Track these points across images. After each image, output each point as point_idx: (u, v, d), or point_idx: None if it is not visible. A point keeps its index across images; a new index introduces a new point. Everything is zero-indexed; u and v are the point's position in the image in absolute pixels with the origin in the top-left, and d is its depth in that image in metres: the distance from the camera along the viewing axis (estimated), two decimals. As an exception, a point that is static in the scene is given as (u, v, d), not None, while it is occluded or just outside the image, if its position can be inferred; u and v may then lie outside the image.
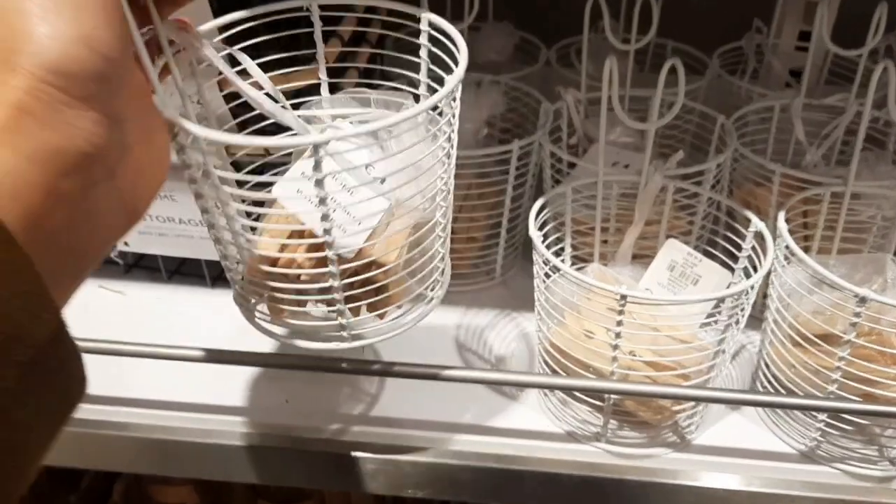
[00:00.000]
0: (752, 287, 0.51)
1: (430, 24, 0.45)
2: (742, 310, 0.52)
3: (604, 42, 0.74)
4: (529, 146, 0.66)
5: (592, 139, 0.72)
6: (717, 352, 0.53)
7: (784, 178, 0.63)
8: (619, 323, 0.50)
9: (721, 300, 0.52)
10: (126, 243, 0.69)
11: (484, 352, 0.65)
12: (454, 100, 0.42)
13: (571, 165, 0.66)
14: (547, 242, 0.58)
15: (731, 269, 0.58)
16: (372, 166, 0.42)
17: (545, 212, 0.58)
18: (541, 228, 0.57)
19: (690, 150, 0.76)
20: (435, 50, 0.46)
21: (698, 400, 0.52)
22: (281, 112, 0.42)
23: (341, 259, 0.42)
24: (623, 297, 0.49)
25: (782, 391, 0.57)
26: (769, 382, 0.58)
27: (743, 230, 0.59)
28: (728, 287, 0.58)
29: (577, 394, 0.56)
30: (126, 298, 0.70)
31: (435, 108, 0.41)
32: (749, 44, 0.85)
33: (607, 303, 0.52)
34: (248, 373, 0.62)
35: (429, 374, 0.51)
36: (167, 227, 0.66)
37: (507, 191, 0.67)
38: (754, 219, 0.56)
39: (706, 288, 0.58)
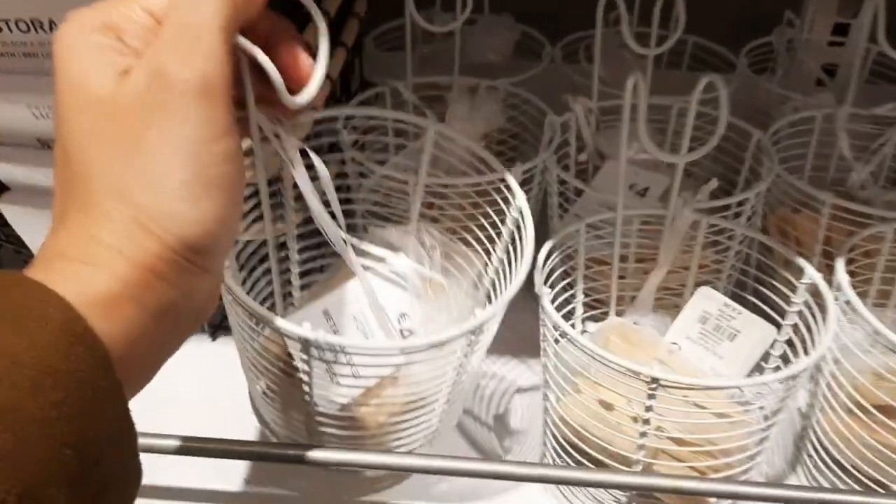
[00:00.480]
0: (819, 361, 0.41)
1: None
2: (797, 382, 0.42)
3: (616, 36, 0.64)
4: (532, 170, 0.56)
5: (605, 155, 0.62)
6: (767, 429, 0.43)
7: (835, 208, 0.54)
8: (649, 408, 0.41)
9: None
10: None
11: (482, 412, 0.55)
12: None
13: (580, 191, 0.57)
14: (552, 285, 0.48)
15: (773, 320, 0.49)
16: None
17: (554, 257, 0.49)
18: (548, 277, 0.48)
19: (712, 163, 0.66)
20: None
21: (753, 500, 0.43)
22: (338, 238, 0.43)
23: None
24: (655, 380, 0.39)
25: (836, 468, 0.48)
26: (820, 457, 0.49)
27: (778, 269, 0.50)
28: (773, 345, 0.49)
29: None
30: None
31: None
32: (780, 39, 0.74)
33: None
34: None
35: (402, 465, 0.42)
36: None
37: (506, 220, 0.57)
38: (808, 268, 0.46)
39: (745, 344, 0.49)
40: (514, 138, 0.67)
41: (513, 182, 0.48)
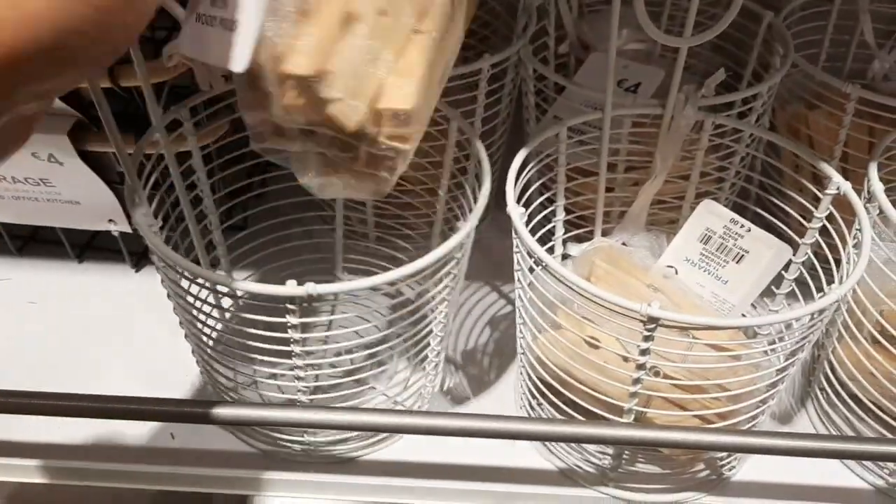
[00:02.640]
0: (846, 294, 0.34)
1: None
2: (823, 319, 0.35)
3: None
4: (505, 63, 0.47)
5: (589, 45, 0.53)
6: (781, 371, 0.36)
7: (860, 103, 0.45)
8: (645, 351, 0.33)
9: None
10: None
11: (450, 348, 0.48)
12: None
13: (561, 87, 0.48)
14: (528, 202, 0.40)
15: (784, 236, 0.42)
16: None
17: (529, 168, 0.40)
18: (522, 192, 0.40)
19: (711, 52, 0.57)
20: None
21: (760, 451, 0.36)
22: None
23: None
24: (653, 319, 0.32)
25: (852, 404, 0.42)
26: (834, 390, 0.43)
27: (788, 175, 0.42)
28: (788, 267, 0.41)
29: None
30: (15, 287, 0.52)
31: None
32: None
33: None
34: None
35: (369, 424, 0.35)
36: (4, 188, 0.47)
37: (474, 124, 0.48)
38: (836, 176, 0.38)
39: (754, 267, 0.42)
40: (485, 27, 0.58)
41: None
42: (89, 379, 0.46)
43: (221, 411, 0.34)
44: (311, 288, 0.31)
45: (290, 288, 0.31)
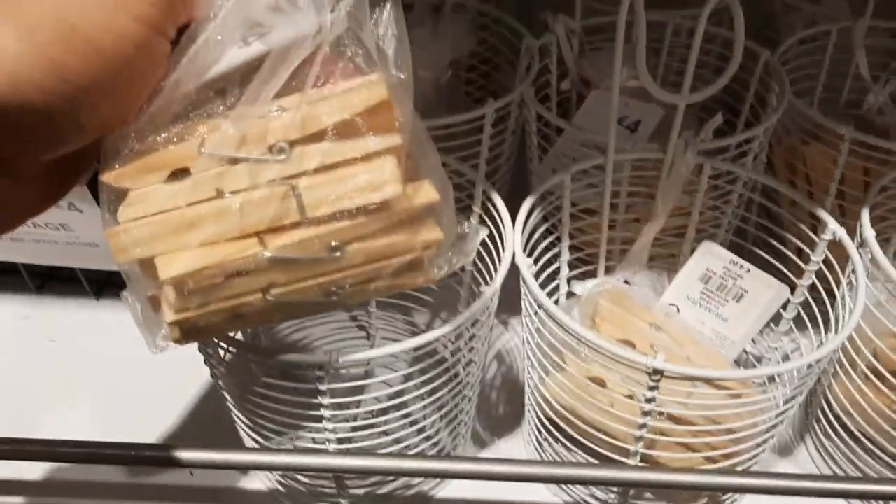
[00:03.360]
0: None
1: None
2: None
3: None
4: (508, 106, 0.49)
5: (591, 83, 0.54)
6: (781, 414, 0.38)
7: (855, 143, 0.47)
8: (651, 400, 0.35)
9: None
10: (-29, 249, 0.51)
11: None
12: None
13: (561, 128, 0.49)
14: (535, 245, 0.41)
15: (781, 273, 0.43)
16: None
17: (535, 214, 0.42)
18: (529, 236, 0.41)
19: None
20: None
21: (761, 492, 0.38)
22: None
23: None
24: (657, 371, 0.33)
25: (847, 438, 0.43)
26: (830, 424, 0.44)
27: (785, 211, 0.44)
28: (786, 306, 0.43)
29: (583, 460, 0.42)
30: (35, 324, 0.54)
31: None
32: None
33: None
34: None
35: (382, 468, 0.36)
36: (20, 230, 0.49)
37: (479, 165, 0.50)
38: (832, 223, 0.40)
39: (754, 306, 0.43)
40: (486, 64, 0.59)
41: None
42: (111, 415, 0.47)
43: (242, 458, 0.35)
44: (337, 356, 0.32)
45: (319, 356, 0.32)
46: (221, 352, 0.37)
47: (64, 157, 0.23)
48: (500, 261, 0.38)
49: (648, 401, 0.35)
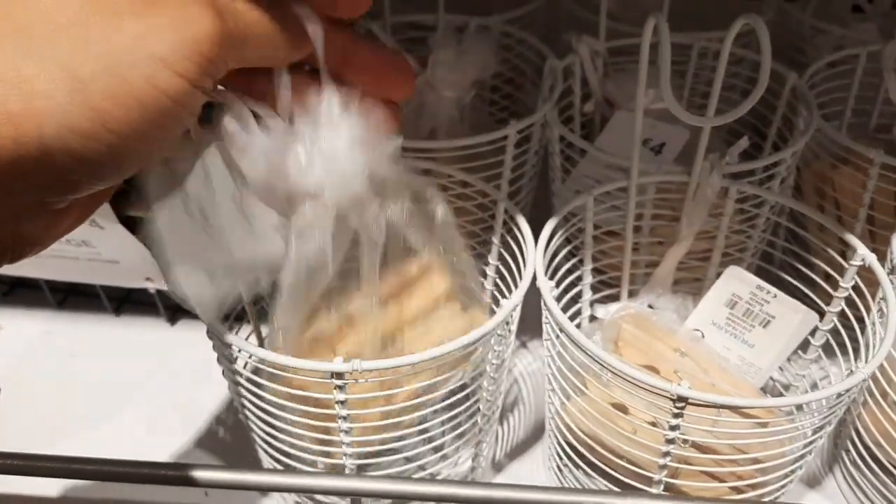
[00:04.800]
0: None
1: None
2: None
3: (624, -37, 0.55)
4: (531, 127, 0.48)
5: (615, 104, 0.54)
6: (809, 444, 0.37)
7: (884, 168, 0.46)
8: (675, 427, 0.34)
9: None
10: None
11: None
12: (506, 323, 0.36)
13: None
14: (557, 267, 0.41)
15: (808, 298, 0.42)
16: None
17: (557, 237, 0.41)
18: (551, 259, 0.41)
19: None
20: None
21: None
22: None
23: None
24: (682, 399, 0.32)
25: (877, 469, 0.42)
26: (860, 454, 0.43)
27: (812, 237, 0.43)
28: (814, 333, 0.42)
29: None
30: (3, 333, 0.54)
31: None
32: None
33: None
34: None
35: (392, 490, 0.36)
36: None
37: (501, 186, 0.49)
38: (861, 248, 0.39)
39: (781, 332, 0.42)
40: (510, 85, 0.59)
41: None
42: (128, 431, 0.47)
43: (257, 478, 0.35)
44: (357, 364, 0.32)
45: (337, 364, 0.32)
46: (242, 362, 0.36)
47: None
48: (521, 278, 0.37)
49: (672, 428, 0.34)
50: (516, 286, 0.39)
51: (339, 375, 0.33)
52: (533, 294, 0.37)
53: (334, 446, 0.37)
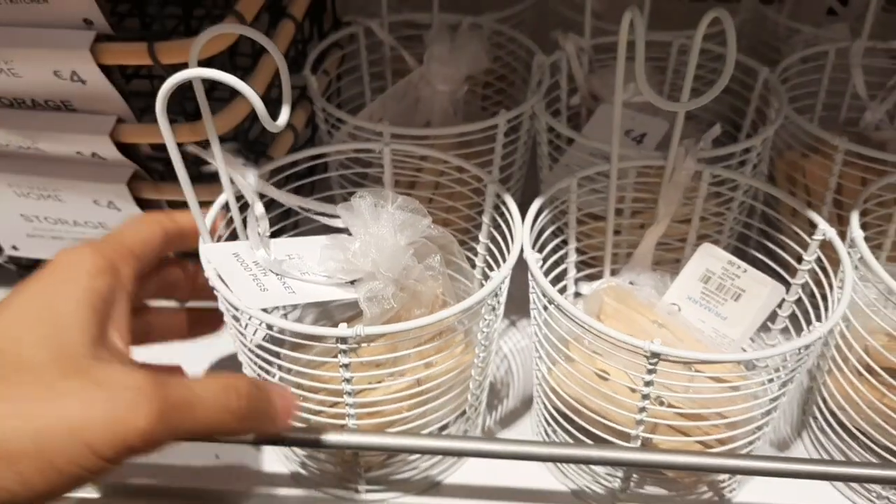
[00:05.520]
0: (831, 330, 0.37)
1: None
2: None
3: (610, -35, 0.59)
4: (520, 117, 0.52)
5: (599, 97, 0.57)
6: (775, 399, 0.40)
7: (849, 154, 0.49)
8: (649, 383, 0.37)
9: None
10: (15, 247, 0.54)
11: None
12: (496, 294, 0.40)
13: (572, 138, 0.52)
14: (543, 245, 0.44)
15: (779, 276, 0.45)
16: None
17: (543, 216, 0.45)
18: (538, 236, 0.44)
19: (714, 104, 0.61)
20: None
21: (756, 474, 0.40)
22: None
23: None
24: (655, 355, 0.36)
25: (842, 433, 0.45)
26: (826, 420, 0.46)
27: (784, 220, 0.46)
28: (781, 305, 0.45)
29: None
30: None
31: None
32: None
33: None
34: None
35: (396, 445, 0.39)
36: (60, 229, 0.52)
37: (492, 172, 0.53)
38: (822, 223, 0.42)
39: (751, 304, 0.45)
40: (501, 80, 0.63)
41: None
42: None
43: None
44: (360, 329, 0.35)
45: (342, 330, 0.35)
46: (251, 329, 0.39)
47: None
48: (509, 252, 0.40)
49: (647, 384, 0.37)
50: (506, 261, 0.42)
51: (344, 340, 0.36)
52: (521, 272, 0.40)
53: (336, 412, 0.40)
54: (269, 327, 0.38)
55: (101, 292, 0.33)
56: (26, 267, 0.59)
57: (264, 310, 0.36)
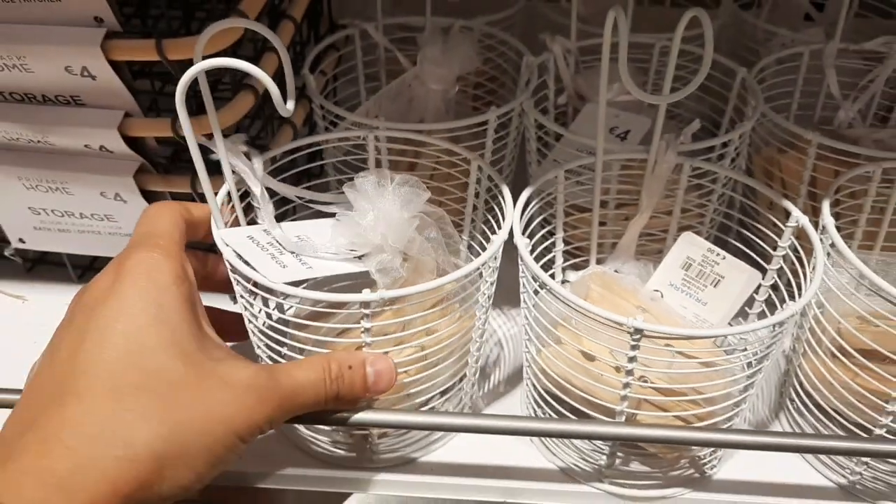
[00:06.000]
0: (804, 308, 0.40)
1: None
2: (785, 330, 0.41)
3: (596, -30, 0.61)
4: (510, 114, 0.54)
5: (585, 97, 0.60)
6: (751, 377, 0.42)
7: (821, 148, 0.52)
8: (633, 359, 0.39)
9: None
10: (22, 240, 0.56)
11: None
12: (495, 258, 0.43)
13: (559, 135, 0.54)
14: (531, 234, 0.46)
15: (757, 264, 0.48)
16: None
17: (532, 206, 0.47)
18: (527, 225, 0.46)
19: (695, 103, 0.64)
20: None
21: (733, 447, 0.42)
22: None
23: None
24: (638, 331, 0.38)
25: (818, 413, 0.48)
26: (802, 401, 0.48)
27: (763, 211, 0.48)
28: (757, 290, 0.48)
29: (575, 428, 0.46)
30: (27, 305, 0.58)
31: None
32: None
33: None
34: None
35: (387, 421, 0.41)
36: (67, 221, 0.54)
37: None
38: (795, 211, 0.45)
39: (729, 290, 0.48)
40: (492, 81, 0.65)
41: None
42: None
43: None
44: (384, 293, 0.37)
45: (366, 295, 0.37)
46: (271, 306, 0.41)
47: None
48: (500, 228, 0.43)
49: (630, 360, 0.39)
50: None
51: (367, 305, 0.38)
52: (509, 262, 0.43)
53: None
54: (281, 305, 0.40)
55: (189, 295, 0.37)
56: (32, 260, 0.61)
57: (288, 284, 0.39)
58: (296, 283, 0.39)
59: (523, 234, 0.45)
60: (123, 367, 0.33)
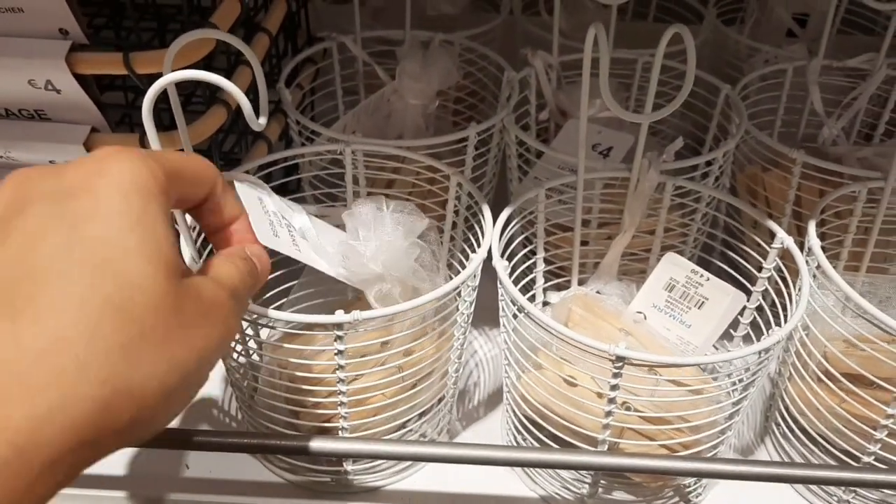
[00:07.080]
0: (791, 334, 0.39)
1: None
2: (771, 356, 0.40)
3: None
4: (490, 130, 0.53)
5: (567, 113, 0.59)
6: (737, 404, 0.41)
7: (805, 167, 0.51)
8: (615, 387, 0.38)
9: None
10: None
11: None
12: (474, 277, 0.42)
13: (541, 151, 0.53)
14: (512, 254, 0.45)
15: (741, 286, 0.47)
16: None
17: (512, 226, 0.46)
18: (507, 245, 0.45)
19: (679, 120, 0.63)
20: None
21: (718, 477, 0.41)
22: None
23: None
24: (620, 359, 0.37)
25: (804, 438, 0.47)
26: (787, 426, 0.47)
27: (747, 231, 0.48)
28: (742, 312, 0.46)
29: (556, 454, 0.45)
30: None
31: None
32: (751, -14, 0.71)
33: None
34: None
35: (359, 451, 0.39)
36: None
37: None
38: (780, 232, 0.44)
39: (713, 312, 0.46)
40: (472, 96, 0.64)
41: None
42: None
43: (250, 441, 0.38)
44: (358, 314, 0.36)
45: (339, 316, 0.36)
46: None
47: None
48: (479, 246, 0.42)
49: (613, 388, 0.38)
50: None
51: (340, 326, 0.37)
52: (489, 283, 0.41)
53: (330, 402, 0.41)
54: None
55: (170, 215, 0.32)
56: None
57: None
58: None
59: (503, 254, 0.44)
60: (99, 275, 0.25)
